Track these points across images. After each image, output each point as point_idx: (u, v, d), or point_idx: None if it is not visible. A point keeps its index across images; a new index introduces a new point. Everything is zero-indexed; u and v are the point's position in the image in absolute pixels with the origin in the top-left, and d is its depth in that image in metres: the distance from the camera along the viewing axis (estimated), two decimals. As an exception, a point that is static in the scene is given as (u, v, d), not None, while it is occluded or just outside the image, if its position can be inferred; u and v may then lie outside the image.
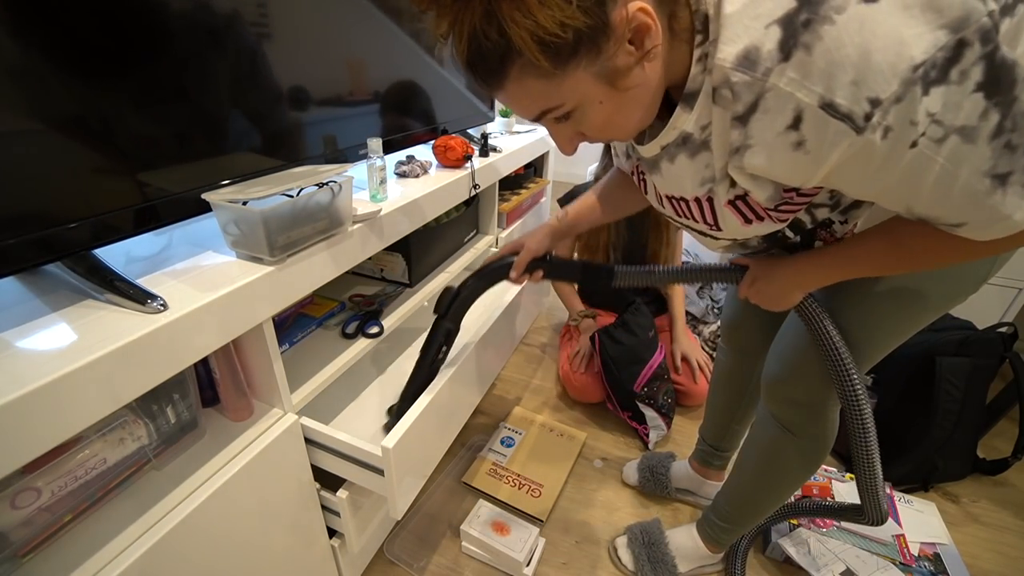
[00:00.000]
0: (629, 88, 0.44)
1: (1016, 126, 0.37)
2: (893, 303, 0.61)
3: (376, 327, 0.89)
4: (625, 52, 0.41)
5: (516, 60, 0.41)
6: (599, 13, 0.38)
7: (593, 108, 0.45)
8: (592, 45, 0.40)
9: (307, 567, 0.80)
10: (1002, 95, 0.36)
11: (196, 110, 0.63)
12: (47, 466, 0.50)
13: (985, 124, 0.37)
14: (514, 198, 1.45)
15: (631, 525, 1.04)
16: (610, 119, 0.47)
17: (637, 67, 0.43)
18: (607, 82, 0.43)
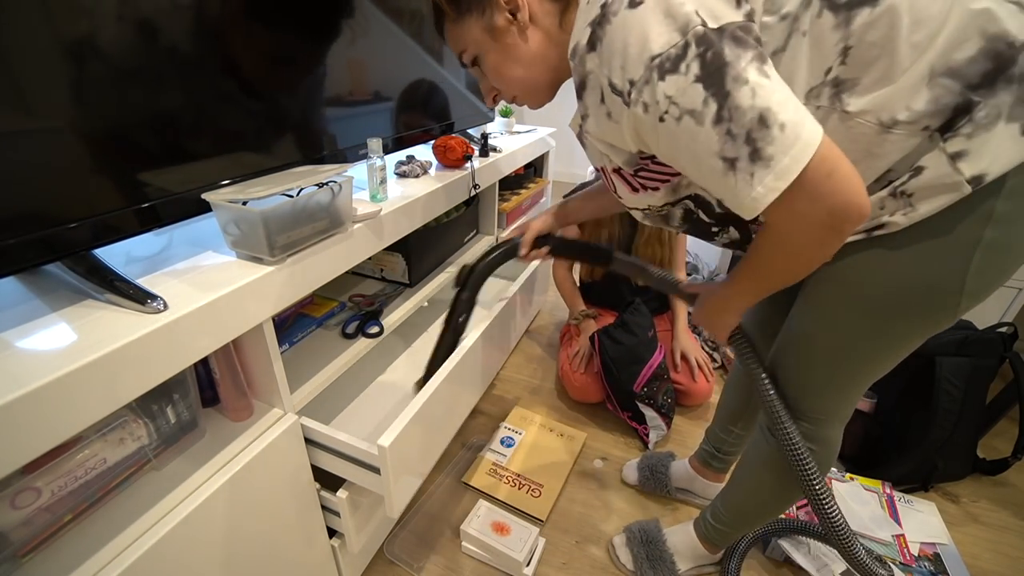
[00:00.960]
0: (508, 44, 0.61)
1: (732, 117, 0.45)
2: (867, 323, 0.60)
3: (376, 327, 0.89)
4: (503, 17, 0.59)
5: (444, 16, 0.63)
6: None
7: (486, 56, 0.63)
8: (479, 5, 0.60)
9: (307, 567, 0.80)
10: (715, 87, 0.45)
11: (196, 110, 0.63)
12: (47, 466, 0.50)
13: (707, 110, 0.45)
14: (514, 198, 1.45)
15: (629, 525, 1.04)
16: (498, 68, 0.64)
17: (513, 28, 0.60)
18: (491, 35, 0.61)
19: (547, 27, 0.60)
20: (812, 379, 0.68)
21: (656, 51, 0.45)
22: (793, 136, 0.44)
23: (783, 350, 0.70)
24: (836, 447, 0.73)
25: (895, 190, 0.50)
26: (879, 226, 0.53)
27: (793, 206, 0.47)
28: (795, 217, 0.48)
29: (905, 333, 0.60)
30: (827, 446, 0.72)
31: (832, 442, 0.72)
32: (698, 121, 0.46)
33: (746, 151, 0.45)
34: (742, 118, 0.44)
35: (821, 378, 0.67)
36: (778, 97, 0.44)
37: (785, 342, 0.70)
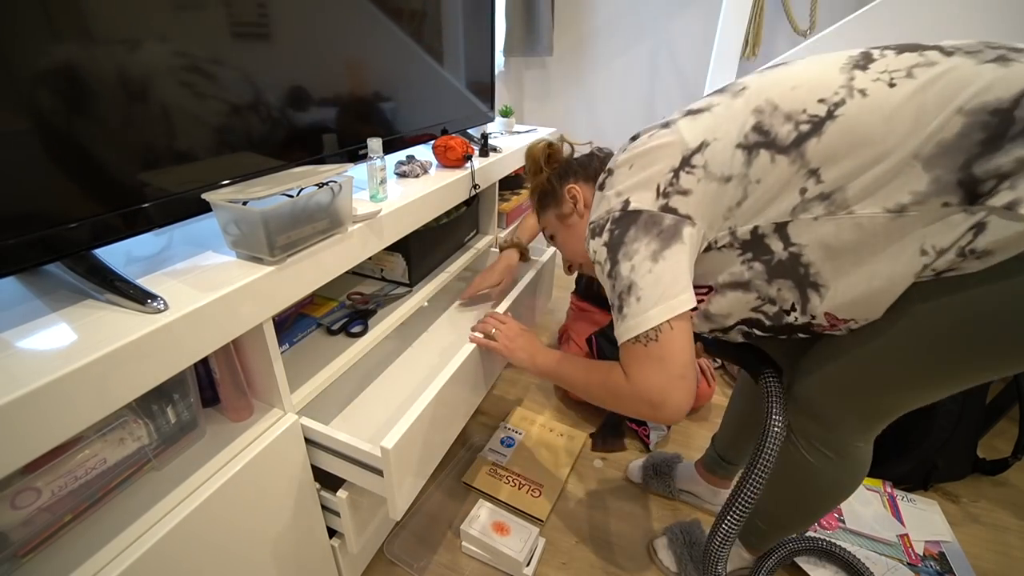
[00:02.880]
0: (571, 225, 0.84)
1: (616, 277, 0.64)
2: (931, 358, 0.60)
3: (360, 326, 0.89)
4: (569, 208, 0.83)
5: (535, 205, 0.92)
6: (557, 187, 0.85)
7: (559, 236, 0.89)
8: (554, 201, 0.86)
9: (307, 567, 0.80)
10: (612, 255, 0.64)
11: (196, 110, 0.63)
12: (47, 466, 0.50)
13: (605, 266, 0.65)
14: (514, 198, 1.45)
15: (670, 526, 1.03)
16: (566, 242, 0.88)
17: (575, 215, 0.83)
18: (560, 220, 0.86)
19: None
20: (854, 395, 0.68)
21: (592, 220, 0.69)
22: (642, 309, 0.61)
23: (827, 360, 0.69)
24: (866, 463, 0.73)
25: (962, 251, 0.50)
26: (950, 269, 0.53)
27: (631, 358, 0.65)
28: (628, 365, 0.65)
29: (963, 371, 0.59)
30: (853, 460, 0.72)
31: (859, 456, 0.73)
32: (602, 270, 0.66)
33: (618, 303, 0.64)
34: (620, 282, 0.63)
35: (863, 396, 0.67)
36: (648, 279, 0.61)
37: (831, 353, 0.69)
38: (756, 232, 0.60)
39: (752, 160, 0.58)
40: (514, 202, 1.43)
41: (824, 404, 0.70)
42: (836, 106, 0.54)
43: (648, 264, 0.61)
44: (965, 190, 0.49)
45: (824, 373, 0.69)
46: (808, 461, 0.73)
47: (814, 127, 0.54)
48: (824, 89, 0.55)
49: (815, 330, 0.65)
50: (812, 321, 0.63)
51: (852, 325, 0.62)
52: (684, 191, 0.61)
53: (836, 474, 0.74)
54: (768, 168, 0.57)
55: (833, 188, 0.54)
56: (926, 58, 0.52)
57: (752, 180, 0.58)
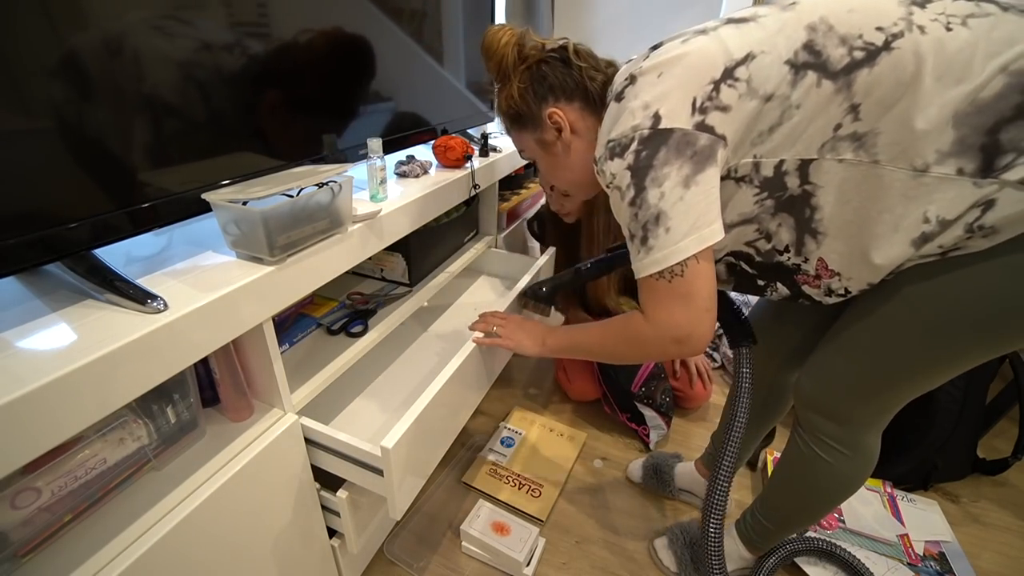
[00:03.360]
0: (555, 154, 0.75)
1: (641, 205, 0.57)
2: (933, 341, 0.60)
3: (360, 326, 0.89)
4: (551, 133, 0.72)
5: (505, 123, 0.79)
6: (535, 107, 0.72)
7: (539, 162, 0.80)
8: (532, 124, 0.74)
9: (307, 567, 0.79)
10: (638, 180, 0.57)
11: (196, 110, 0.63)
12: (47, 466, 0.50)
13: (628, 193, 0.58)
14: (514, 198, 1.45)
15: (671, 526, 1.03)
16: (549, 172, 0.80)
17: (559, 143, 0.73)
18: (541, 147, 0.76)
19: (589, 139, 0.70)
20: (859, 385, 0.68)
21: (612, 137, 0.59)
22: (672, 241, 0.57)
23: (834, 354, 0.70)
24: (875, 455, 0.73)
25: (970, 227, 0.50)
26: (956, 248, 0.53)
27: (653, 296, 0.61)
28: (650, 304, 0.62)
29: (969, 352, 0.59)
30: (865, 453, 0.72)
31: (870, 449, 0.73)
32: (622, 197, 0.59)
33: (641, 234, 0.59)
34: (647, 211, 0.57)
35: (872, 387, 0.67)
36: (679, 207, 0.56)
37: (837, 347, 0.69)
38: (779, 168, 0.57)
39: (798, 81, 0.53)
40: (514, 202, 1.43)
41: (837, 401, 0.70)
42: (894, 37, 0.50)
43: (680, 191, 0.55)
44: (984, 157, 0.48)
45: (835, 370, 0.69)
46: (822, 460, 0.73)
47: (868, 56, 0.51)
48: (883, 17, 0.51)
49: (799, 280, 0.65)
50: (802, 265, 0.63)
51: (834, 283, 0.62)
52: (724, 107, 0.55)
53: (850, 469, 0.73)
54: (812, 93, 0.53)
55: (867, 130, 0.52)
56: (982, 9, 0.49)
57: (792, 104, 0.54)
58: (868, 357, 0.65)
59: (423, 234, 1.00)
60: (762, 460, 1.21)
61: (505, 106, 0.75)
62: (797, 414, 0.77)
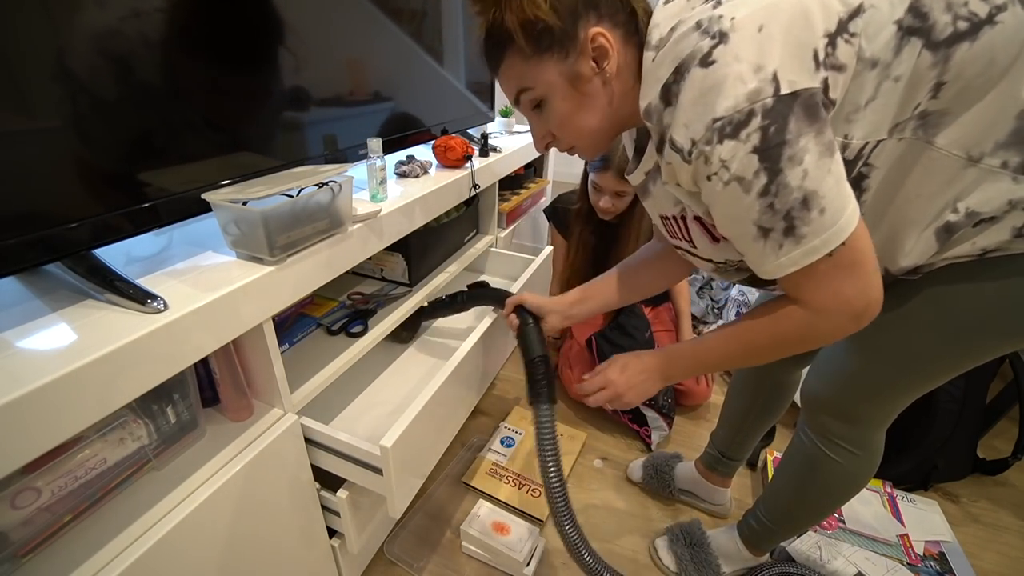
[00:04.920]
0: (587, 94, 0.56)
1: (778, 192, 0.46)
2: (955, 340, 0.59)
3: (360, 326, 0.89)
4: (587, 64, 0.54)
5: (510, 46, 0.55)
6: (569, 21, 0.52)
7: (556, 101, 0.57)
8: (561, 47, 0.53)
9: (307, 567, 0.79)
10: (770, 163, 0.45)
11: (196, 110, 0.63)
12: (47, 466, 0.50)
13: (756, 181, 0.46)
14: (514, 198, 1.45)
15: (671, 526, 1.03)
16: (569, 117, 0.58)
17: (596, 79, 0.55)
18: (569, 82, 0.56)
19: (627, 79, 0.56)
20: (875, 386, 0.67)
21: (720, 114, 0.45)
22: (831, 221, 0.46)
23: (847, 355, 0.68)
24: (881, 451, 0.73)
25: (1018, 231, 0.49)
26: (997, 249, 0.51)
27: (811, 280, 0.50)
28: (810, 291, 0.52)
29: (994, 352, 0.58)
30: (874, 451, 0.72)
31: (878, 446, 0.72)
32: (745, 189, 0.47)
33: (782, 225, 0.47)
34: (788, 196, 0.46)
35: (887, 387, 0.66)
36: (829, 181, 0.46)
37: (851, 347, 0.67)
38: (861, 152, 0.50)
39: (902, 47, 0.45)
40: (514, 202, 1.43)
41: (850, 401, 0.69)
42: (999, 9, 0.44)
43: (825, 162, 0.45)
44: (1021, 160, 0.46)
45: (848, 370, 0.68)
46: (832, 460, 0.73)
47: (972, 28, 0.44)
48: None
49: None
50: None
51: None
52: (839, 66, 0.45)
53: (859, 468, 0.73)
54: (910, 64, 0.46)
55: (937, 109, 0.47)
56: None
57: (891, 76, 0.46)
58: (887, 358, 0.64)
59: (423, 234, 1.00)
60: (762, 460, 1.21)
61: (529, 14, 0.52)
62: (804, 415, 0.76)
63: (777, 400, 0.96)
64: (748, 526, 0.92)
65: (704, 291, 1.78)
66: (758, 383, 0.95)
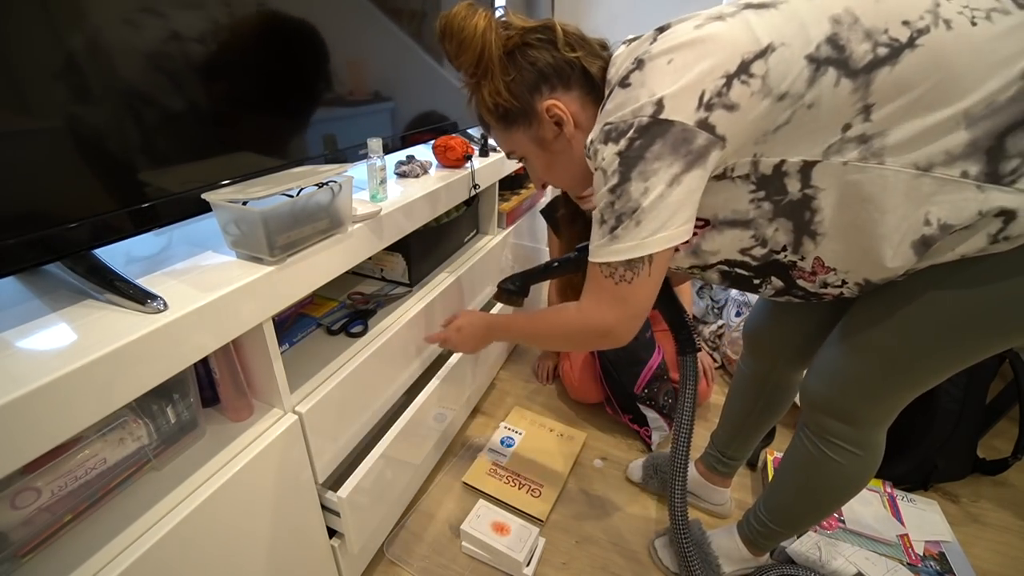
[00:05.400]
0: (555, 151, 0.68)
1: (620, 196, 0.55)
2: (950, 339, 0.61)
3: (360, 326, 0.89)
4: (550, 129, 0.66)
5: (490, 124, 0.70)
6: (526, 100, 0.64)
7: (533, 160, 0.71)
8: (525, 119, 0.66)
9: (307, 567, 0.79)
10: (625, 168, 0.54)
11: (196, 109, 0.63)
12: (47, 466, 0.50)
13: (611, 179, 0.55)
14: (514, 198, 1.45)
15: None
16: (547, 170, 0.72)
17: (560, 138, 0.66)
18: (538, 144, 0.68)
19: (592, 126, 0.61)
20: (873, 386, 0.68)
21: (611, 120, 0.55)
22: (638, 235, 0.55)
23: (845, 355, 0.69)
24: (882, 451, 0.73)
25: (994, 237, 0.51)
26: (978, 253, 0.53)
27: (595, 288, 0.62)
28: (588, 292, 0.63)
29: (994, 347, 0.60)
30: (874, 451, 0.73)
31: (879, 446, 0.73)
32: (603, 180, 0.57)
33: (612, 223, 0.57)
34: (625, 202, 0.55)
35: (885, 387, 0.67)
36: (660, 206, 0.54)
37: (849, 348, 0.68)
38: (779, 168, 0.55)
39: (816, 78, 0.50)
40: (514, 202, 1.43)
41: (850, 402, 0.70)
42: (920, 33, 0.48)
43: (663, 188, 0.53)
44: (988, 161, 0.48)
45: (847, 371, 0.69)
46: (833, 460, 0.73)
47: (892, 53, 0.48)
48: (910, 9, 0.48)
49: (793, 275, 0.65)
50: (798, 262, 0.63)
51: (830, 277, 0.62)
52: (731, 105, 0.51)
53: (860, 468, 0.73)
54: (829, 92, 0.50)
55: (876, 131, 0.51)
56: (1002, 4, 0.48)
57: (805, 104, 0.51)
58: (885, 358, 0.65)
59: (423, 234, 1.00)
60: (762, 460, 1.21)
61: (491, 103, 0.65)
62: (804, 416, 0.77)
63: (778, 401, 0.96)
64: (748, 526, 0.92)
65: (704, 291, 1.78)
66: (759, 384, 0.95)
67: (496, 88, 0.64)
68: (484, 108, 0.67)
